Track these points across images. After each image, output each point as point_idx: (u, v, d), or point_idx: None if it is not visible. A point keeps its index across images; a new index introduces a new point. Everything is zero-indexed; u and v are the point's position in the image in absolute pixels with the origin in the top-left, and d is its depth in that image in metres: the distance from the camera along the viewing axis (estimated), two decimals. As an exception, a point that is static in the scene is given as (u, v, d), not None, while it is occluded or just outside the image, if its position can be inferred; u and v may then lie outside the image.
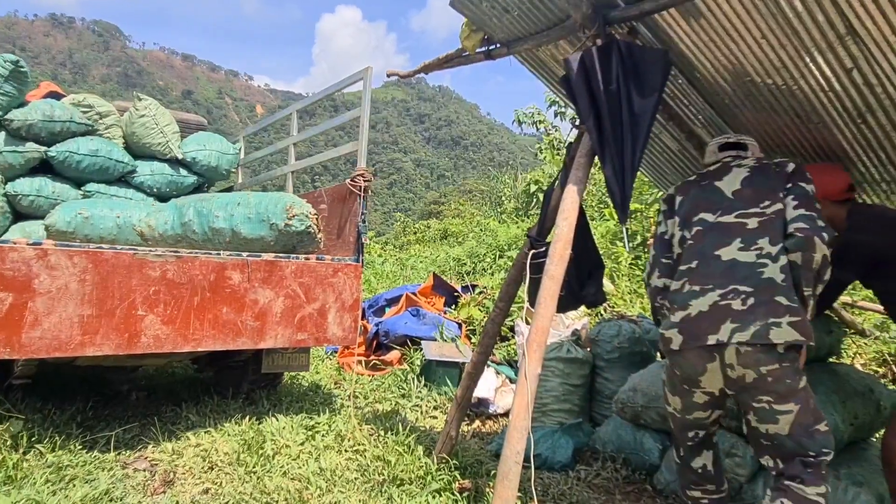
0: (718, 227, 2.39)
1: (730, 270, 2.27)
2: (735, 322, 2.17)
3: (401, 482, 2.98)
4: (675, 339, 2.31)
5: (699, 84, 3.08)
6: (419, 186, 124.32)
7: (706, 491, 2.54)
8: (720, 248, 2.34)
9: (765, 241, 2.28)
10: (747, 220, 2.34)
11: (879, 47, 2.42)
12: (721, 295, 2.23)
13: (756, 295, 2.18)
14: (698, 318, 2.25)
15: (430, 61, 3.75)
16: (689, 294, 2.32)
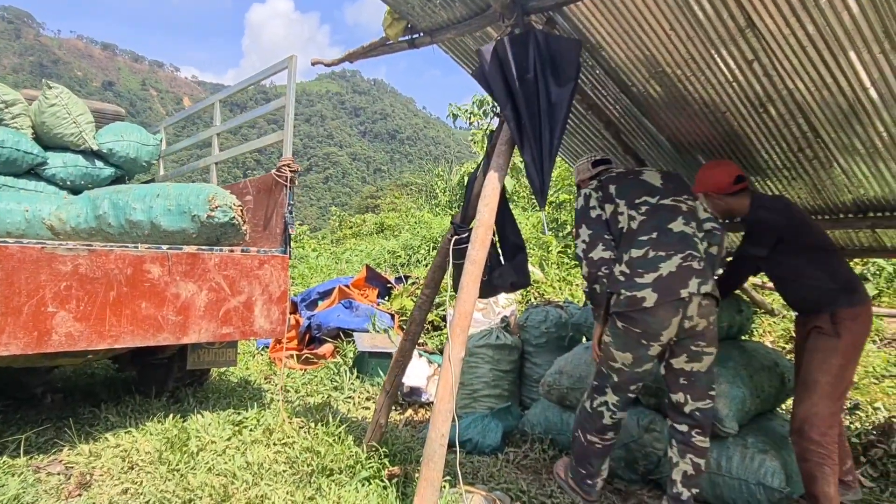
0: (663, 207, 2.90)
1: (683, 240, 2.79)
2: (699, 277, 2.70)
3: (330, 472, 2.97)
4: (650, 297, 2.68)
5: (615, 75, 3.19)
6: (355, 181, 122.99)
7: (605, 438, 2.95)
8: (671, 223, 2.84)
9: (695, 224, 2.86)
10: (681, 203, 2.91)
11: (776, 40, 2.57)
12: (682, 258, 2.73)
13: (704, 260, 2.78)
14: (669, 277, 2.70)
15: (353, 50, 3.73)
16: (657, 259, 2.75)
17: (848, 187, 3.41)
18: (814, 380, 2.87)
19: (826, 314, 2.91)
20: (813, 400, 2.84)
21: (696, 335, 2.75)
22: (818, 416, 2.82)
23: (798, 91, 2.80)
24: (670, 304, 2.67)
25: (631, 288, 2.73)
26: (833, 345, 2.86)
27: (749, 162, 3.46)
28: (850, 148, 3.06)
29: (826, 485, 2.75)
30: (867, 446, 3.59)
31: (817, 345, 2.92)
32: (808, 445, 2.80)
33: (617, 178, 3.03)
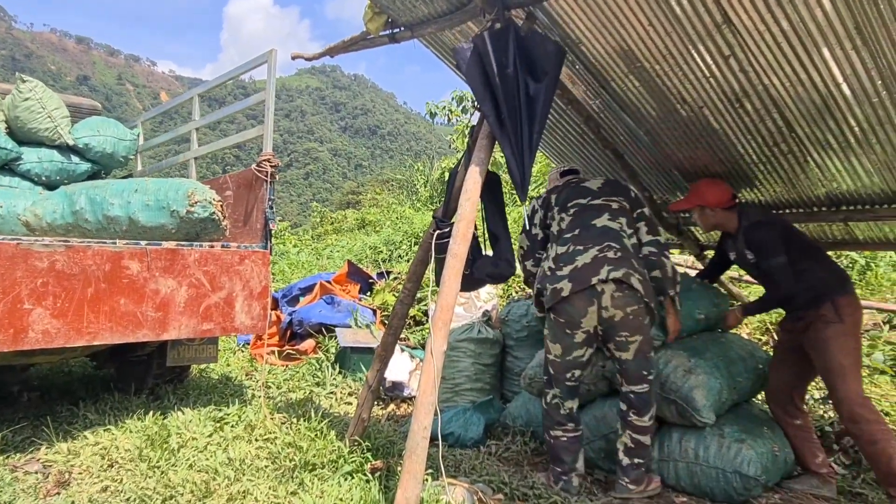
0: (591, 206, 3.18)
1: (604, 233, 3.02)
2: (610, 265, 2.89)
3: (313, 467, 2.97)
4: (566, 288, 2.92)
5: (594, 69, 3.22)
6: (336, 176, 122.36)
7: (566, 430, 3.09)
8: (595, 219, 3.10)
9: (623, 220, 3.11)
10: (611, 203, 3.18)
11: (752, 36, 2.61)
12: (599, 249, 2.96)
13: (622, 252, 2.96)
14: (583, 268, 2.93)
15: (334, 44, 3.71)
16: (575, 252, 3.01)
17: (822, 181, 3.48)
18: (840, 364, 2.98)
19: (828, 303, 3.07)
20: (848, 384, 2.95)
21: (616, 325, 2.92)
22: (860, 394, 2.94)
23: (773, 86, 2.85)
24: (583, 293, 2.90)
25: (553, 281, 2.99)
26: (843, 329, 3.03)
27: (726, 156, 3.51)
28: (824, 143, 3.12)
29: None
30: (839, 435, 3.67)
31: (827, 334, 3.05)
32: (869, 427, 2.87)
33: (562, 188, 3.37)
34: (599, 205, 3.16)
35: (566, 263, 2.99)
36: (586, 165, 4.38)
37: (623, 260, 2.92)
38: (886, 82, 2.57)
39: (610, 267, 2.88)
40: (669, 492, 3.12)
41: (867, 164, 3.18)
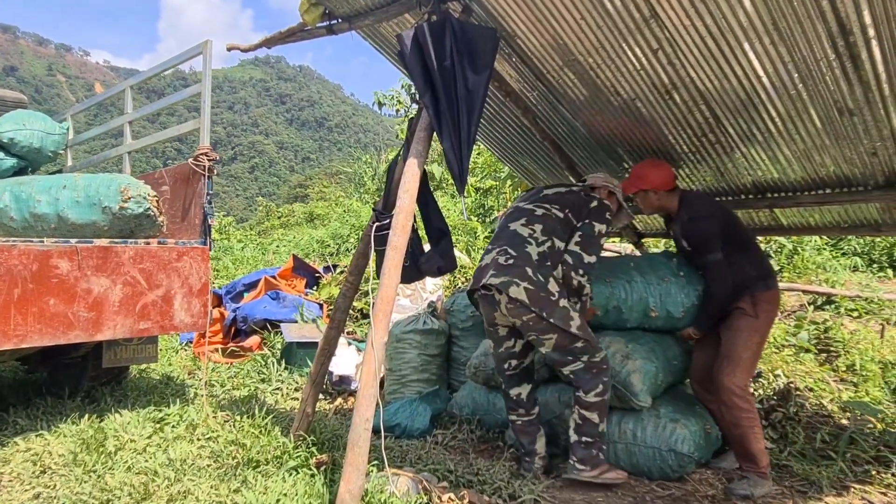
0: (520, 209, 3.24)
1: (509, 237, 3.09)
2: (494, 270, 2.97)
3: (256, 464, 2.94)
4: (471, 283, 3.14)
5: (530, 62, 3.27)
6: (283, 170, 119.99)
7: (519, 414, 3.23)
8: (511, 222, 3.18)
9: (538, 227, 3.09)
10: (540, 208, 3.18)
11: (678, 31, 2.70)
12: (497, 253, 3.04)
13: (515, 259, 2.97)
14: (481, 269, 3.08)
15: (270, 35, 3.64)
16: (485, 252, 3.20)
17: (748, 170, 3.64)
18: (738, 356, 3.13)
19: (747, 296, 3.21)
20: (737, 373, 3.10)
21: (522, 328, 3.01)
22: (743, 386, 3.10)
23: (700, 80, 2.96)
24: (484, 297, 3.06)
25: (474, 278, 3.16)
26: (754, 324, 3.17)
27: (658, 147, 3.63)
28: (749, 134, 3.26)
29: (759, 441, 3.04)
30: (769, 410, 3.87)
31: (740, 324, 3.20)
32: (739, 413, 3.05)
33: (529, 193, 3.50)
34: (526, 209, 3.22)
35: (481, 261, 3.17)
36: (528, 156, 4.45)
37: (510, 268, 2.94)
38: (802, 75, 2.71)
39: (492, 272, 2.96)
40: (609, 472, 3.22)
41: (788, 153, 3.35)
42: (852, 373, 4.48)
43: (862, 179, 3.42)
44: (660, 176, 3.46)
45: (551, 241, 3.06)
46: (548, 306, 2.90)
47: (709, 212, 3.34)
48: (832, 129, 3.04)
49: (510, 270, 2.92)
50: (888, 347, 4.70)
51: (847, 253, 6.75)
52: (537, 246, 3.02)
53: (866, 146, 3.10)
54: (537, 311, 2.88)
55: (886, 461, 3.31)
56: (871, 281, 6.02)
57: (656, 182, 3.45)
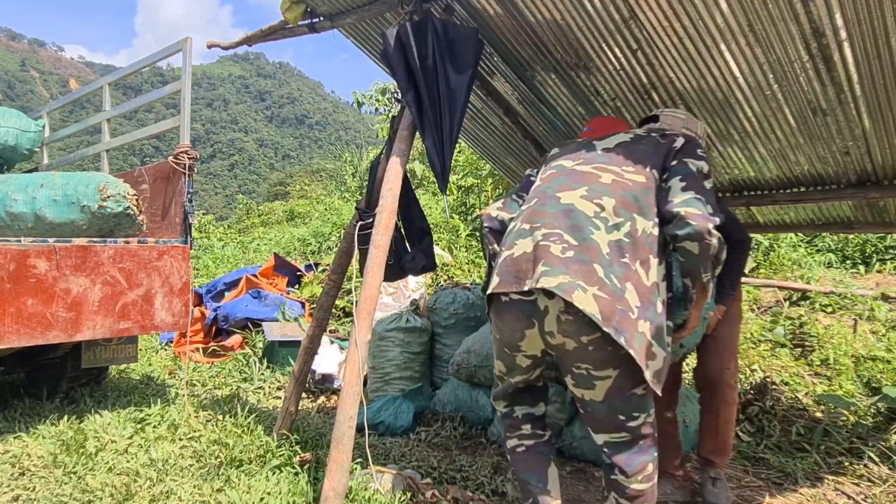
0: (572, 172, 2.12)
1: (564, 215, 1.96)
2: (546, 266, 1.86)
3: (239, 463, 2.94)
4: (493, 283, 2.01)
5: (513, 62, 3.29)
6: (263, 167, 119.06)
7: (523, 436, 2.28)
8: (564, 190, 2.05)
9: (611, 202, 1.95)
10: (602, 172, 2.05)
11: (657, 32, 2.74)
12: (544, 236, 1.93)
13: (578, 248, 1.88)
14: (517, 261, 1.96)
15: (251, 33, 3.62)
16: (519, 233, 2.03)
17: (725, 169, 3.70)
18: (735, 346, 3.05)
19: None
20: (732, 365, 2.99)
21: (571, 355, 1.91)
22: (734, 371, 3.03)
23: (678, 80, 3.01)
24: (516, 305, 1.97)
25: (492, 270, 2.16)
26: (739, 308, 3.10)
27: (638, 146, 3.68)
28: (725, 133, 3.32)
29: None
30: (745, 405, 3.95)
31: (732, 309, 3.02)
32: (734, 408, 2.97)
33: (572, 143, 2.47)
34: (583, 172, 2.10)
35: (506, 247, 2.06)
36: (510, 155, 4.48)
37: (571, 262, 1.85)
38: (777, 76, 2.76)
39: (545, 268, 1.85)
40: (591, 467, 3.27)
41: (764, 152, 3.41)
42: (826, 367, 4.58)
43: (835, 178, 3.50)
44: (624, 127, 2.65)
45: (631, 221, 1.93)
46: (626, 326, 1.80)
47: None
48: (806, 129, 3.10)
49: (571, 265, 1.84)
50: (861, 342, 4.82)
51: (821, 249, 6.89)
52: (608, 232, 1.91)
53: (839, 145, 3.17)
54: (610, 332, 1.78)
55: (859, 453, 3.40)
56: (844, 277, 6.16)
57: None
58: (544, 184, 2.16)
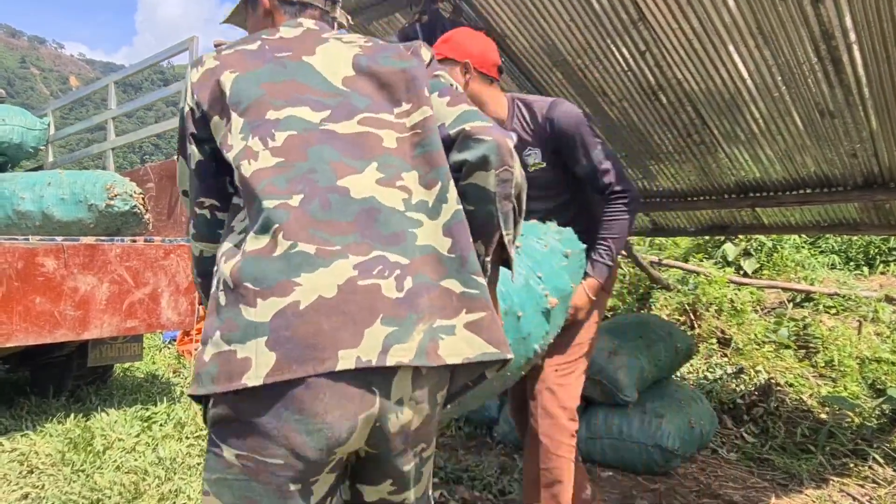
0: (333, 137, 1.14)
1: (366, 218, 1.09)
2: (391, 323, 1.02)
3: (246, 462, 2.95)
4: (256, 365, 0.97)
5: (519, 62, 3.30)
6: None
7: None
8: (345, 174, 1.11)
9: (412, 174, 1.16)
10: (379, 129, 1.18)
11: (665, 33, 2.75)
12: (360, 266, 1.04)
13: (413, 272, 1.07)
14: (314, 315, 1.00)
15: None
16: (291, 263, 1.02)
17: (731, 170, 3.70)
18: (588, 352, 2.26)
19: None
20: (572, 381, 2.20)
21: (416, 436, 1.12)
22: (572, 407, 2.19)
23: (686, 81, 3.01)
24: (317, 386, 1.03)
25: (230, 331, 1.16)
26: (603, 305, 2.34)
27: (644, 146, 3.68)
28: (732, 134, 3.32)
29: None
30: (749, 406, 3.95)
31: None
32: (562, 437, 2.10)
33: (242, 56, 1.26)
34: (356, 135, 1.16)
35: (269, 291, 1.01)
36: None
37: (415, 295, 1.05)
38: (785, 78, 2.77)
39: (391, 329, 1.01)
40: (596, 467, 3.28)
41: (771, 153, 3.41)
42: (831, 368, 4.58)
43: (842, 180, 3.50)
44: (484, 51, 2.17)
45: (446, 178, 1.15)
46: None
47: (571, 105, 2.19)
48: (813, 131, 3.11)
49: (419, 304, 1.05)
50: (865, 343, 4.82)
51: (825, 251, 6.89)
52: (433, 217, 1.13)
53: (846, 147, 3.17)
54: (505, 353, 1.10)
55: (864, 454, 3.40)
56: (848, 278, 6.16)
57: (473, 53, 2.14)
58: (295, 161, 1.10)
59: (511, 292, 1.71)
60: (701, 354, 4.76)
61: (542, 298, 1.83)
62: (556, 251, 2.01)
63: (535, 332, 1.80)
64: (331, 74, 1.22)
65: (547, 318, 1.86)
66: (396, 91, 1.23)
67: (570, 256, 2.04)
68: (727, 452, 3.53)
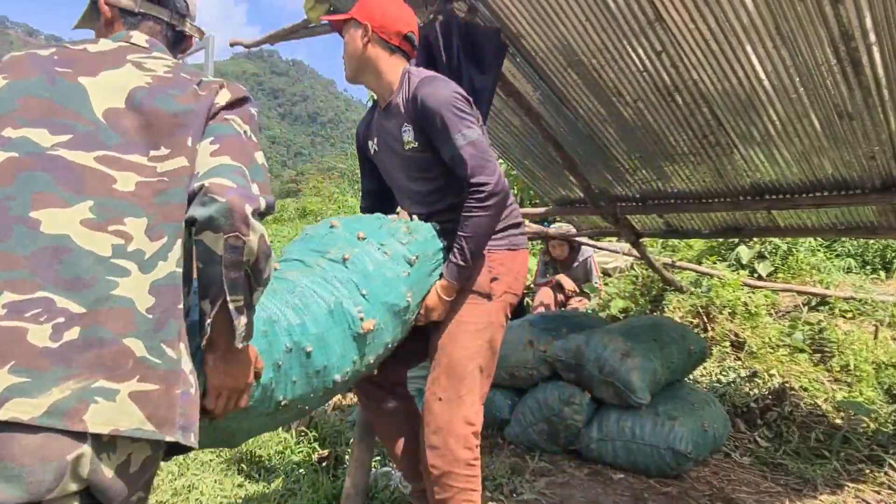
0: (55, 164, 1.10)
1: (49, 256, 1.02)
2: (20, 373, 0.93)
3: (259, 459, 2.97)
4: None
5: (534, 62, 3.29)
6: (276, 165, 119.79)
7: None
8: (43, 205, 1.06)
9: (140, 221, 1.10)
10: (116, 171, 1.12)
11: (682, 33, 2.73)
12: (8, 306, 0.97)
13: (86, 323, 1.00)
14: None
15: (275, 31, 3.65)
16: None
17: (747, 172, 3.67)
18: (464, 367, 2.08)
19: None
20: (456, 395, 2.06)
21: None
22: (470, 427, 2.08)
23: (702, 81, 2.99)
24: None
25: None
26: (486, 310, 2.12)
27: (659, 147, 3.66)
28: (748, 135, 3.30)
29: None
30: (763, 410, 3.92)
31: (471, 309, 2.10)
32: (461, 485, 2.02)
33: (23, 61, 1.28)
34: (84, 169, 1.11)
35: None
36: (529, 156, 4.47)
37: (76, 349, 0.98)
38: (803, 79, 2.74)
39: (16, 380, 0.93)
40: (608, 469, 3.27)
41: (787, 155, 3.38)
42: (846, 373, 4.54)
43: (859, 182, 3.47)
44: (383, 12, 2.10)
45: (165, 240, 1.11)
46: (192, 414, 1.08)
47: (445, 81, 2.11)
48: (831, 133, 3.07)
49: (75, 360, 0.97)
50: (881, 348, 4.77)
51: (841, 254, 6.82)
52: (146, 271, 1.08)
53: (864, 150, 3.14)
54: (177, 436, 1.03)
55: (879, 460, 3.37)
56: (864, 282, 6.09)
57: (375, 16, 2.08)
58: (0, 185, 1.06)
59: (306, 325, 1.62)
60: (714, 357, 4.73)
61: (354, 322, 1.71)
62: (399, 259, 1.90)
63: (335, 362, 1.68)
64: (98, 102, 1.18)
65: (361, 343, 1.75)
66: (158, 135, 1.18)
67: (417, 261, 1.94)
68: (740, 456, 3.50)
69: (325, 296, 1.69)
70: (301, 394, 1.61)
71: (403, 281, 1.88)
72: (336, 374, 1.69)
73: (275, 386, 1.51)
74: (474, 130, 1.97)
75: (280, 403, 1.55)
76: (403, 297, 1.86)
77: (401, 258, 1.90)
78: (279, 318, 1.57)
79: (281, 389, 1.54)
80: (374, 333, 1.77)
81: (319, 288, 1.71)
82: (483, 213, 1.92)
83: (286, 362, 1.54)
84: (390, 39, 2.10)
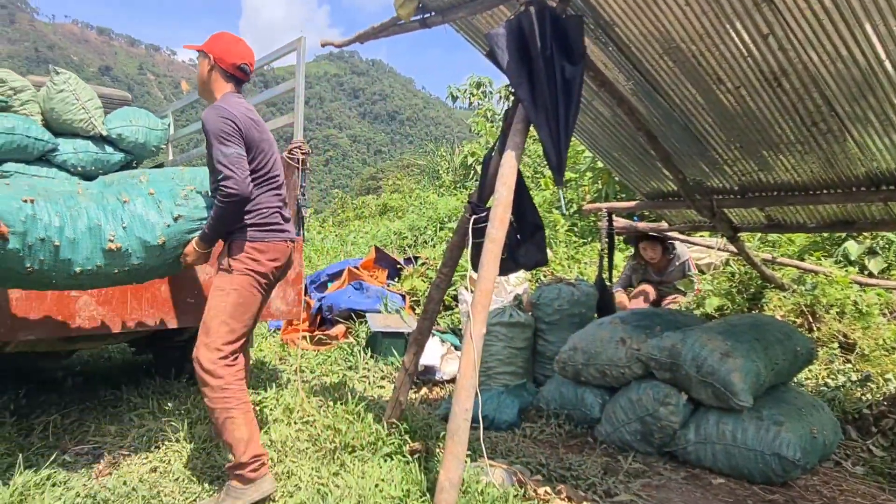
0: None
1: None
2: None
3: (352, 449, 3.03)
4: None
5: (628, 51, 3.19)
6: (356, 162, 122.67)
7: None
8: None
9: None
10: None
11: (792, 14, 2.57)
12: None
13: None
14: None
15: (363, 31, 3.71)
16: None
17: (861, 160, 3.42)
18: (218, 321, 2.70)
19: (227, 245, 2.77)
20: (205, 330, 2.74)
21: None
22: (215, 353, 2.70)
23: (812, 64, 2.81)
24: None
25: None
26: (235, 286, 2.70)
27: (763, 136, 3.47)
28: (864, 121, 3.06)
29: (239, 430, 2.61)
30: (878, 417, 3.64)
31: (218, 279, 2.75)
32: (206, 377, 2.67)
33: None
34: None
35: None
36: (619, 148, 4.35)
37: None
38: (933, 58, 2.52)
39: None
40: (707, 473, 3.13)
41: (909, 142, 3.12)
42: (972, 379, 4.14)
43: None
44: (222, 48, 2.82)
45: None
46: None
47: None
48: (963, 116, 2.81)
49: None
50: None
51: (963, 249, 6.22)
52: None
53: None
54: None
55: None
56: None
57: (215, 50, 2.81)
58: None
59: (62, 228, 2.46)
60: (820, 360, 4.43)
61: (104, 241, 2.56)
62: (166, 213, 2.74)
63: (79, 260, 2.51)
64: None
65: (109, 256, 2.57)
66: None
67: (181, 219, 2.76)
68: (852, 466, 3.27)
69: (94, 217, 2.57)
70: (46, 269, 2.44)
71: (162, 228, 2.70)
72: (77, 267, 2.51)
73: (24, 255, 2.35)
74: (229, 149, 2.61)
75: (28, 269, 2.38)
76: (156, 238, 2.68)
77: (168, 213, 2.74)
78: (43, 217, 2.43)
79: (28, 260, 2.38)
80: (120, 252, 2.59)
81: (93, 212, 2.59)
82: (219, 206, 2.60)
83: (35, 245, 2.38)
84: (227, 69, 2.83)
